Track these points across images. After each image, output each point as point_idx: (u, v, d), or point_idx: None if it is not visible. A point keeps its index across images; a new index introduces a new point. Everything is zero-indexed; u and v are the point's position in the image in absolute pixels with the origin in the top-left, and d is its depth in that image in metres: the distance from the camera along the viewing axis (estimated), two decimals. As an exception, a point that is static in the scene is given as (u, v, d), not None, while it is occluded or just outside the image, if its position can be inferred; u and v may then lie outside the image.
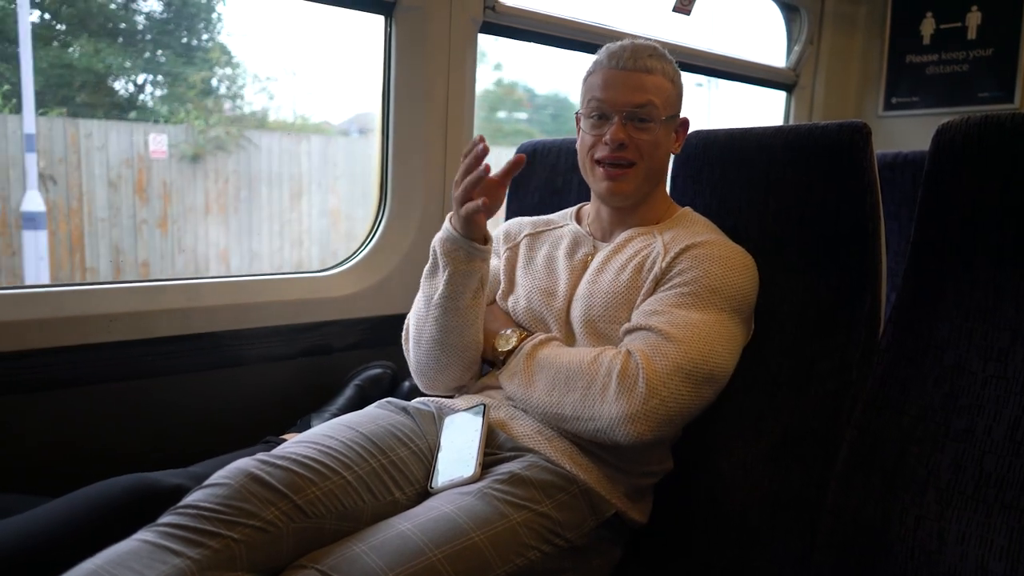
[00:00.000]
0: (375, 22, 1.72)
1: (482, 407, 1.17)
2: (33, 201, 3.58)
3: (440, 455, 1.13)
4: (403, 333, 1.33)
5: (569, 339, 1.24)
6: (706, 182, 1.37)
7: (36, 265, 3.90)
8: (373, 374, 1.61)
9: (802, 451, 1.14)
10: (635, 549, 1.22)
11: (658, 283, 1.18)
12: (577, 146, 1.30)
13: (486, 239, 1.21)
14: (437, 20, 1.70)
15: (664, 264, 1.18)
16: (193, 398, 1.50)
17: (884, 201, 1.18)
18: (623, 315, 1.19)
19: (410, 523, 0.95)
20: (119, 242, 4.32)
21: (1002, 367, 0.94)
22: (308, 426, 1.45)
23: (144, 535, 0.88)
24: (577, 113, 1.30)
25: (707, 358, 1.09)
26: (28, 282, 4.09)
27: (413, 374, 1.32)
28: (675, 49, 2.23)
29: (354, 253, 1.78)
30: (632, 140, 1.21)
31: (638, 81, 1.21)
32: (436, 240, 1.23)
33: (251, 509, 0.91)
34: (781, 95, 2.81)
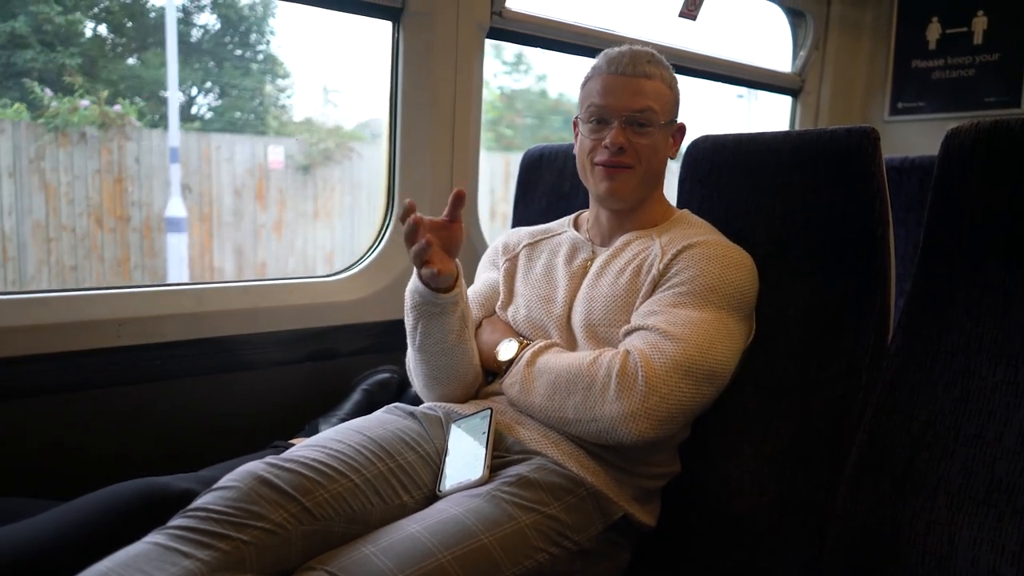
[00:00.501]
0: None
1: (489, 411, 1.17)
2: (176, 207, 3.97)
3: (448, 459, 1.13)
4: (407, 355, 1.34)
5: (571, 345, 1.24)
6: (714, 186, 1.37)
7: (179, 265, 4.31)
8: (380, 378, 1.61)
9: (810, 455, 1.14)
10: (643, 552, 1.22)
11: (656, 285, 1.19)
12: (575, 151, 1.31)
13: (454, 283, 1.19)
14: (444, 26, 1.70)
15: (662, 266, 1.19)
16: (202, 402, 1.50)
17: (891, 207, 1.18)
18: (623, 318, 1.19)
19: (419, 525, 0.96)
20: (241, 244, 4.75)
21: (1013, 372, 0.94)
22: (316, 430, 1.45)
23: (154, 537, 0.89)
24: (575, 119, 1.31)
25: (706, 355, 1.10)
26: (171, 280, 4.34)
27: (417, 392, 1.34)
28: (681, 54, 2.25)
29: (361, 258, 1.78)
30: (631, 144, 1.22)
31: (637, 86, 1.22)
32: (407, 290, 1.24)
33: (260, 511, 0.92)
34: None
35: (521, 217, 1.79)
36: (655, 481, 1.20)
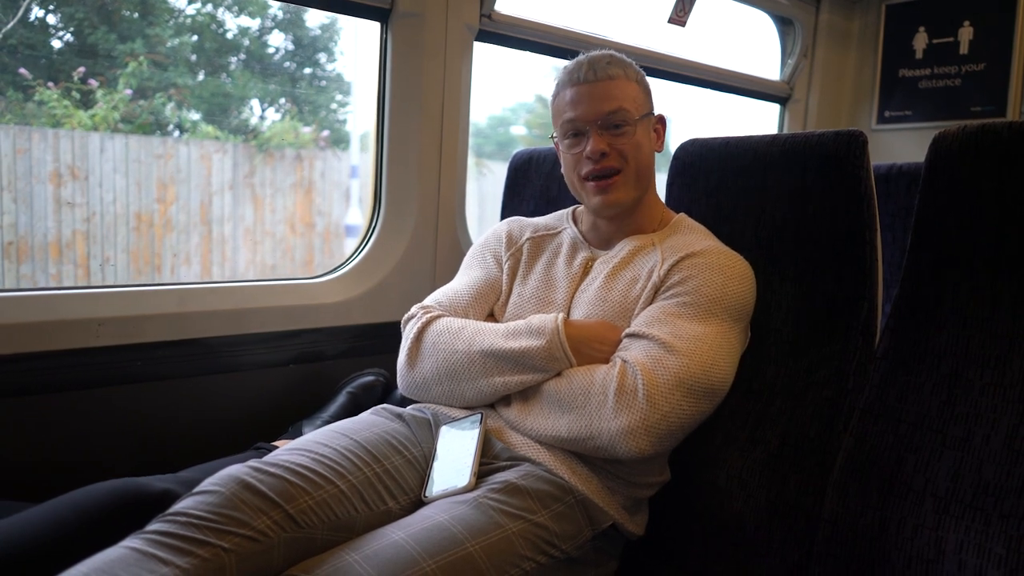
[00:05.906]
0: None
1: (479, 415, 1.15)
2: (354, 215, 4.60)
3: (435, 464, 1.12)
4: (416, 341, 1.25)
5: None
6: (702, 189, 1.37)
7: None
8: (365, 381, 1.60)
9: (799, 459, 1.13)
10: (630, 560, 1.21)
11: (657, 291, 1.18)
12: (562, 170, 1.30)
13: None
14: (433, 28, 1.70)
15: (663, 272, 1.18)
16: (184, 404, 1.48)
17: (879, 213, 1.18)
18: (622, 324, 1.18)
19: (403, 532, 0.94)
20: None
21: (999, 375, 0.93)
22: (300, 433, 1.44)
23: (132, 542, 0.86)
24: (554, 139, 1.30)
25: (708, 372, 1.09)
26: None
27: (410, 386, 1.26)
28: (669, 60, 2.25)
29: (347, 260, 1.77)
30: (612, 147, 1.21)
31: (603, 90, 1.21)
32: (549, 342, 1.14)
33: (242, 518, 0.90)
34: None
35: (509, 220, 1.78)
36: (646, 490, 1.19)
